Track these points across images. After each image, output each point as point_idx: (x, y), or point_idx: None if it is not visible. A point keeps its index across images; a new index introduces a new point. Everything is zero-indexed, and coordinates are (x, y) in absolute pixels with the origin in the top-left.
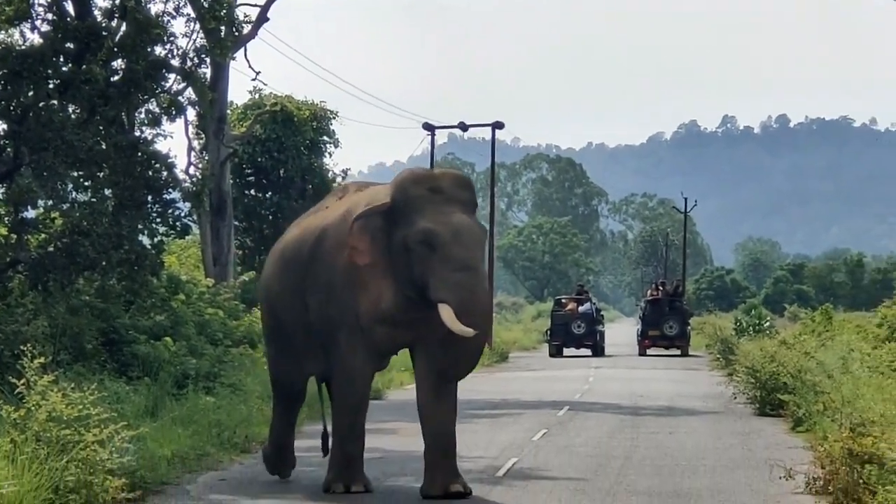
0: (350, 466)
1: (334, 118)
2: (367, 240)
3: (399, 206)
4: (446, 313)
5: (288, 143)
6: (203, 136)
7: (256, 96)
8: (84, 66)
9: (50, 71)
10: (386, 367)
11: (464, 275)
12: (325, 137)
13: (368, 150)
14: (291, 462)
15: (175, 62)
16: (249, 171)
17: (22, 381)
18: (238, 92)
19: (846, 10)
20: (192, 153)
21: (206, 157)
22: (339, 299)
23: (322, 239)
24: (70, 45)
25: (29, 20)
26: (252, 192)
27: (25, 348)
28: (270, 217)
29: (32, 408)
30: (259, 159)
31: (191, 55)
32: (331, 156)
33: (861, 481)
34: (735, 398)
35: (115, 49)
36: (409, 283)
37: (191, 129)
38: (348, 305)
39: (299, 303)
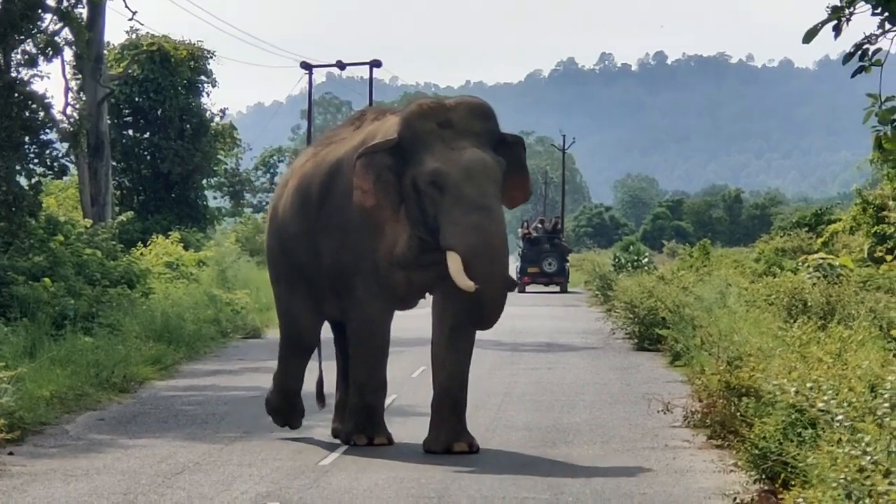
0: (371, 417)
1: (212, 58)
2: (372, 179)
3: (407, 142)
4: (453, 264)
5: (165, 83)
6: (80, 76)
7: (133, 36)
8: None
9: None
10: (412, 308)
11: (477, 216)
12: (203, 77)
13: (248, 90)
14: (301, 411)
15: (51, 2)
16: (127, 111)
17: None
18: (115, 32)
19: None
20: (69, 94)
21: (84, 98)
22: (353, 244)
23: (335, 175)
24: None
25: None
26: (130, 132)
27: None
28: (148, 157)
29: None
30: (136, 99)
31: None
32: (209, 95)
33: (738, 414)
34: (614, 334)
35: None
36: (422, 225)
37: (67, 69)
38: (364, 250)
39: (314, 244)
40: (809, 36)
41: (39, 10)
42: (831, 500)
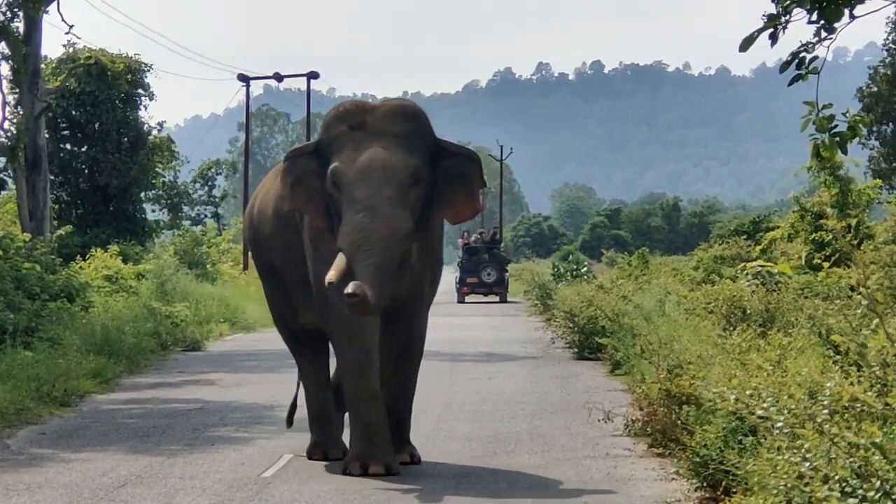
0: (371, 440)
1: (149, 71)
2: (289, 183)
3: (324, 145)
4: (338, 264)
5: (102, 96)
6: (17, 90)
7: (70, 50)
8: None
9: None
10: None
11: (362, 216)
12: (140, 91)
13: (186, 103)
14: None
15: None
16: (64, 125)
17: None
18: (51, 46)
19: None
20: (6, 108)
21: (21, 112)
22: (311, 254)
23: None
24: None
25: None
26: (67, 146)
27: None
28: (86, 171)
29: None
30: (74, 113)
31: (3, 9)
32: (146, 108)
33: (679, 421)
34: (553, 343)
35: None
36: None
37: (4, 83)
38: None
39: (291, 249)
40: (746, 44)
41: None
42: None
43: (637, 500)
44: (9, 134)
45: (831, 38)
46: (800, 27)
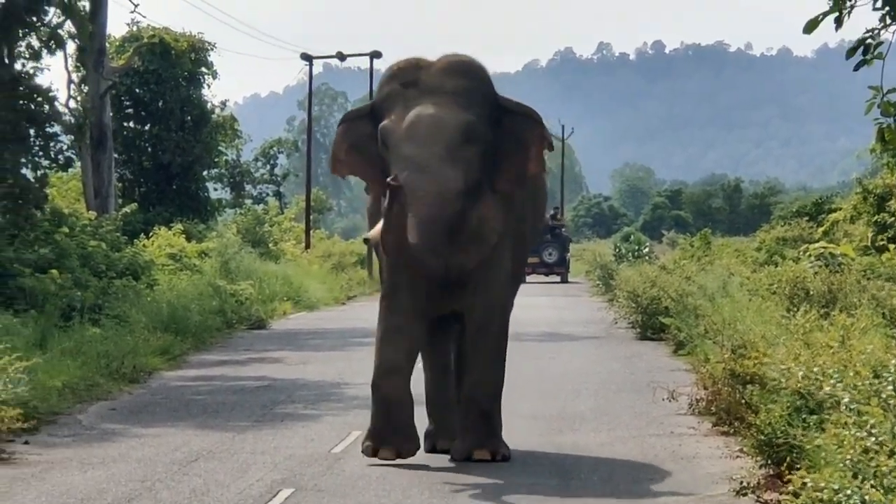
0: (387, 416)
1: (212, 50)
2: (345, 148)
3: (377, 107)
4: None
5: (166, 74)
6: (82, 69)
7: (134, 28)
8: None
9: None
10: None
11: (409, 175)
12: (204, 69)
13: (247, 81)
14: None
15: None
16: (128, 103)
17: None
18: (115, 24)
19: None
20: (72, 86)
21: (86, 90)
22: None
23: None
24: None
25: None
26: (131, 124)
27: None
28: (150, 149)
29: None
30: (137, 91)
31: None
32: (209, 87)
33: (743, 400)
34: (616, 323)
35: None
36: None
37: (70, 62)
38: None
39: None
40: (810, 27)
41: (43, 4)
42: (837, 479)
43: (702, 478)
44: (76, 113)
45: None
46: (864, 10)
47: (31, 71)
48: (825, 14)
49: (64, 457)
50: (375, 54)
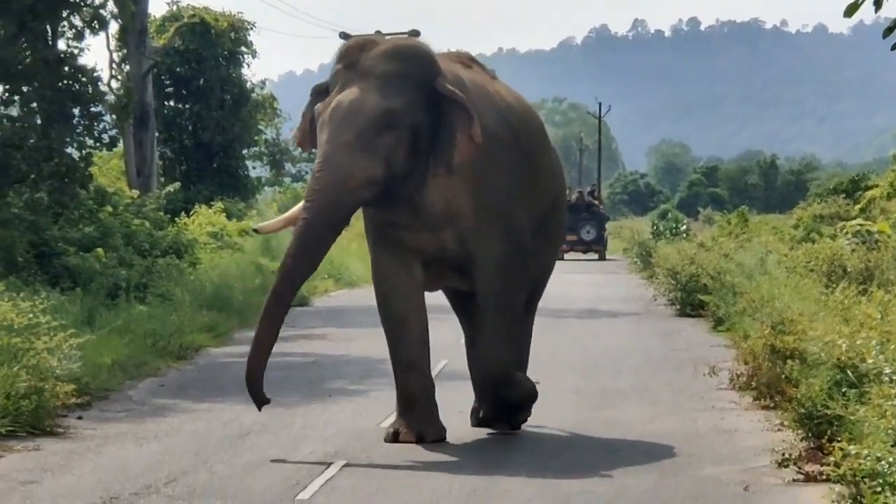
0: (409, 410)
1: (251, 29)
2: (308, 121)
3: (329, 84)
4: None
5: (206, 53)
6: (124, 48)
7: (174, 8)
8: None
9: None
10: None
11: (317, 161)
12: (243, 48)
13: (283, 59)
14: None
15: None
16: (168, 82)
17: None
18: (155, 3)
19: None
20: (113, 66)
21: (127, 70)
22: None
23: None
24: None
25: None
26: (172, 103)
27: None
28: (190, 128)
29: None
30: (178, 70)
31: None
32: (249, 66)
33: (783, 375)
34: (655, 300)
35: None
36: None
37: (111, 42)
38: None
39: None
40: (850, 11)
41: None
42: (879, 448)
43: (743, 451)
44: (119, 92)
45: None
46: None
47: (75, 51)
48: None
49: (118, 431)
50: (413, 32)
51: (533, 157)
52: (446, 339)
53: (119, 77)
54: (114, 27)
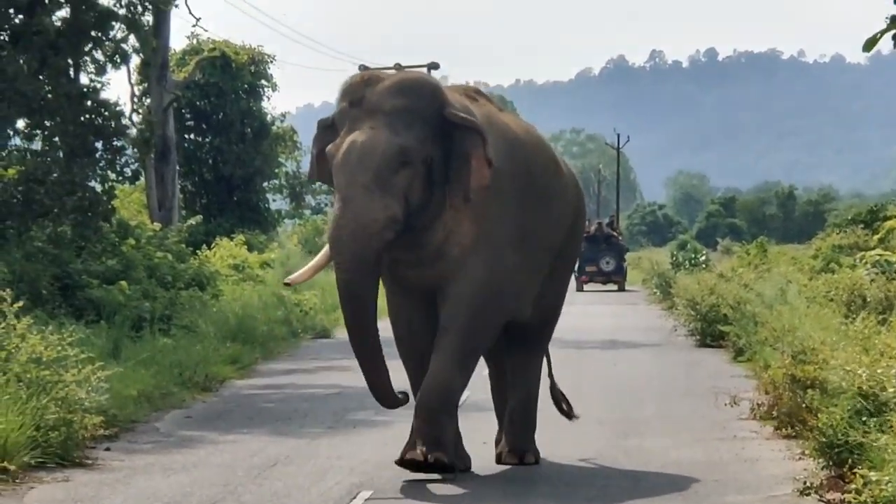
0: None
1: (272, 62)
2: (315, 154)
3: (335, 121)
4: (315, 259)
5: (226, 87)
6: (145, 82)
7: (195, 41)
8: (35, 18)
9: (1, 23)
10: None
11: (338, 207)
12: (263, 81)
13: (298, 91)
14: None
15: (121, 11)
16: (189, 115)
17: (2, 325)
18: (176, 37)
19: None
20: (135, 99)
21: (148, 103)
22: None
23: None
24: None
25: None
26: (192, 136)
27: (4, 293)
28: (211, 161)
29: (13, 350)
30: (198, 103)
31: (134, 3)
32: (269, 99)
33: (804, 404)
34: (676, 330)
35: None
36: None
37: (133, 75)
38: None
39: None
40: (869, 45)
41: (111, 20)
42: None
43: (766, 479)
44: (140, 126)
45: None
46: None
47: (98, 85)
48: (883, 32)
49: (146, 462)
50: (433, 65)
51: (543, 189)
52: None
53: (140, 111)
54: (135, 61)
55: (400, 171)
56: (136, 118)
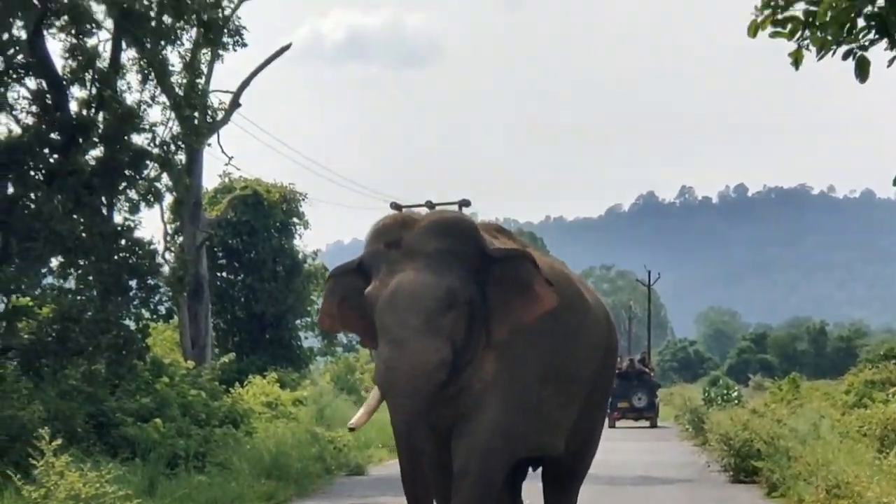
0: None
1: (303, 200)
2: (337, 302)
3: (365, 264)
4: (368, 400)
5: (258, 225)
6: (178, 220)
7: (227, 180)
8: (70, 157)
9: (36, 162)
10: None
11: (388, 350)
12: (295, 219)
13: (328, 229)
14: None
15: (155, 150)
16: (221, 253)
17: (42, 463)
18: (208, 175)
19: (800, 78)
20: (168, 238)
21: (181, 242)
22: None
23: None
24: (56, 135)
25: (9, 111)
26: (224, 274)
27: (42, 431)
28: (243, 299)
29: (52, 487)
30: (230, 241)
31: (168, 142)
32: (301, 237)
33: None
34: (709, 466)
35: (97, 139)
36: None
37: (166, 213)
38: None
39: None
40: None
41: (144, 159)
42: None
43: None
44: (173, 266)
45: None
46: None
47: (132, 224)
48: None
49: None
50: (465, 202)
51: (567, 325)
52: None
53: (173, 249)
54: (168, 199)
55: (447, 312)
56: (169, 256)
